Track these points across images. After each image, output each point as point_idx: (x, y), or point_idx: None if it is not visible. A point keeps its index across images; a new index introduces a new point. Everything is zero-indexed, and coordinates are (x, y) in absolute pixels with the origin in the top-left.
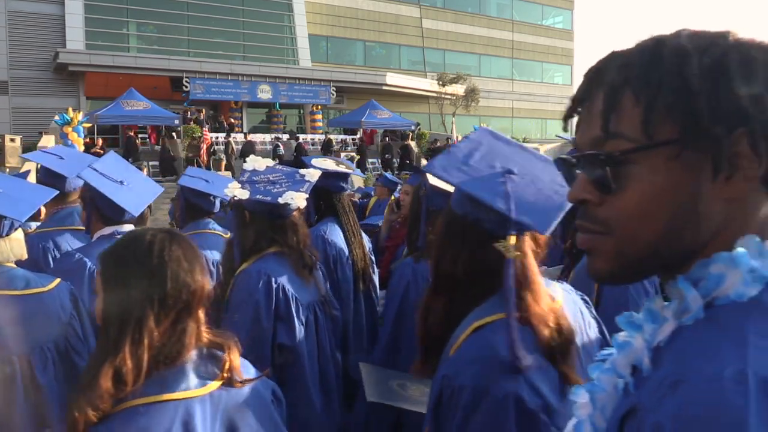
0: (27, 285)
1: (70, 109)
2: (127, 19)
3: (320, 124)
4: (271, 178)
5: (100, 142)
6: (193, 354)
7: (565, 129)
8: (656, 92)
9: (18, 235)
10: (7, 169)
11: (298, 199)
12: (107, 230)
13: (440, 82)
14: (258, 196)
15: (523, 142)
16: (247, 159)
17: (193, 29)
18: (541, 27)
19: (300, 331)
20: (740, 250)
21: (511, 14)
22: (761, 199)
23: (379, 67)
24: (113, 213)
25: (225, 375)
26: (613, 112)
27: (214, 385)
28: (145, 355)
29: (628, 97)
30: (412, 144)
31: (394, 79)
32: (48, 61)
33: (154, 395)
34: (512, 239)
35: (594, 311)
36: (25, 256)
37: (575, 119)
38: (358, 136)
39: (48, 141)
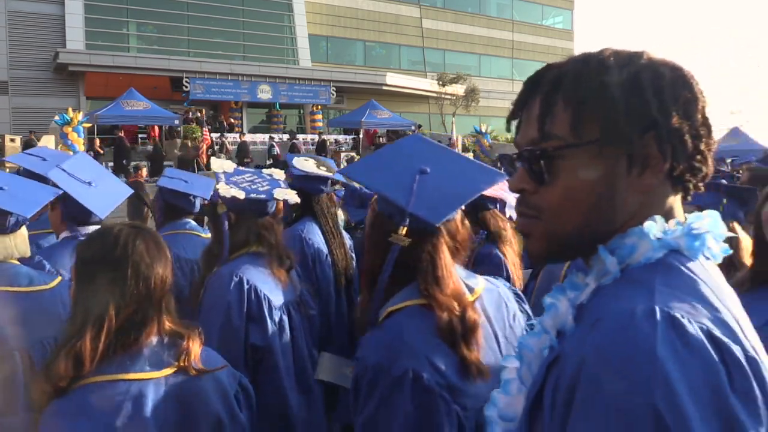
0: (30, 282)
1: (70, 109)
2: (127, 19)
3: (320, 124)
4: (246, 178)
5: (98, 142)
6: (152, 341)
7: (507, 130)
8: (582, 99)
9: (23, 232)
10: (7, 169)
11: (290, 195)
12: (71, 231)
13: (440, 82)
14: (252, 195)
15: None
16: (212, 161)
17: (193, 29)
18: (541, 27)
19: (273, 331)
20: (649, 223)
21: (511, 14)
22: (667, 191)
23: (379, 67)
24: (80, 214)
25: (182, 362)
26: (548, 116)
27: (169, 370)
28: (103, 341)
29: (560, 103)
30: None
31: (394, 79)
32: (48, 61)
33: (109, 375)
34: (403, 230)
35: (526, 305)
36: (29, 254)
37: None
38: (360, 135)
39: (48, 141)
